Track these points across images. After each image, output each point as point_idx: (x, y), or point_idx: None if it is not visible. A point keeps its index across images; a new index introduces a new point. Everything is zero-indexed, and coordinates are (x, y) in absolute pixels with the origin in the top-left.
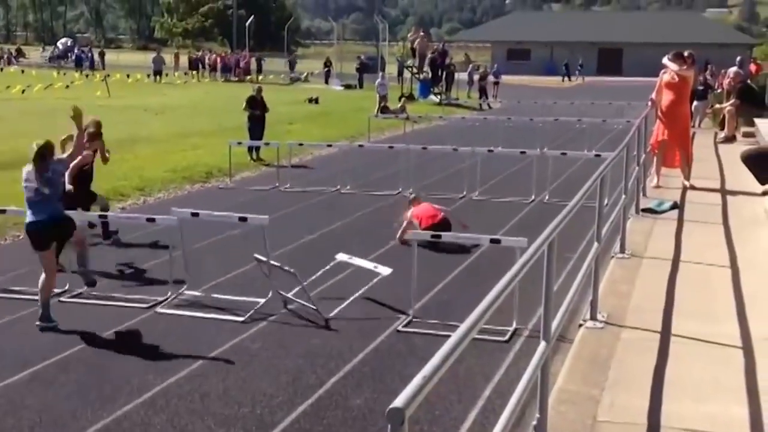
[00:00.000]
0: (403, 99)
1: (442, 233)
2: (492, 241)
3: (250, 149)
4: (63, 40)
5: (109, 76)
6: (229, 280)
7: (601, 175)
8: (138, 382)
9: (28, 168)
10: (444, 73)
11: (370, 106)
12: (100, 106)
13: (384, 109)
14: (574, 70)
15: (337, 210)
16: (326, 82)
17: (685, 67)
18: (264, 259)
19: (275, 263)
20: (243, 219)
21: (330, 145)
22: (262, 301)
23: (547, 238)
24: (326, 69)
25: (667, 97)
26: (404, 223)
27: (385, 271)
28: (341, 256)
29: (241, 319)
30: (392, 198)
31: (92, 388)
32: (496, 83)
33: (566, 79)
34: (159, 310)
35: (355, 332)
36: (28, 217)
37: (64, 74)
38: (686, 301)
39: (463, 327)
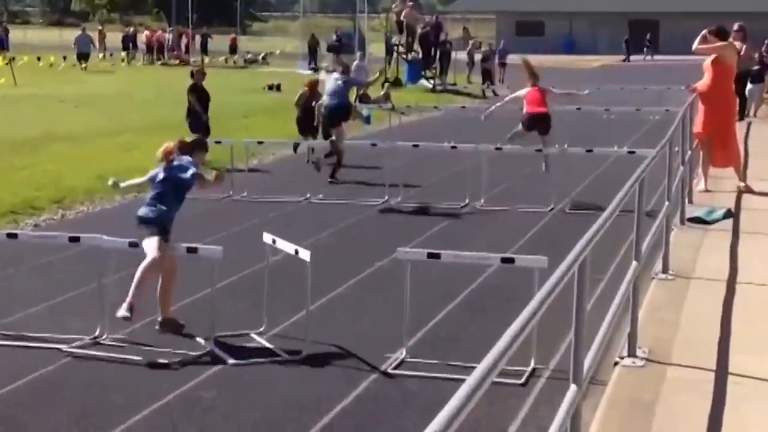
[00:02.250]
0: (387, 85)
1: (441, 253)
2: (504, 260)
3: None
4: None
5: (14, 59)
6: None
7: (640, 177)
8: None
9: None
10: (438, 52)
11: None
12: (3, 96)
13: (363, 98)
14: (642, 46)
15: (306, 225)
16: (315, 63)
17: (719, 43)
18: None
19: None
20: (193, 250)
21: (296, 146)
22: (202, 343)
23: (577, 258)
24: (312, 49)
25: (705, 80)
26: (509, 96)
27: (305, 255)
28: (267, 237)
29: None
30: (375, 209)
31: None
32: (503, 64)
33: (629, 59)
34: (77, 351)
35: (334, 375)
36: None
37: None
38: (745, 332)
39: (480, 369)
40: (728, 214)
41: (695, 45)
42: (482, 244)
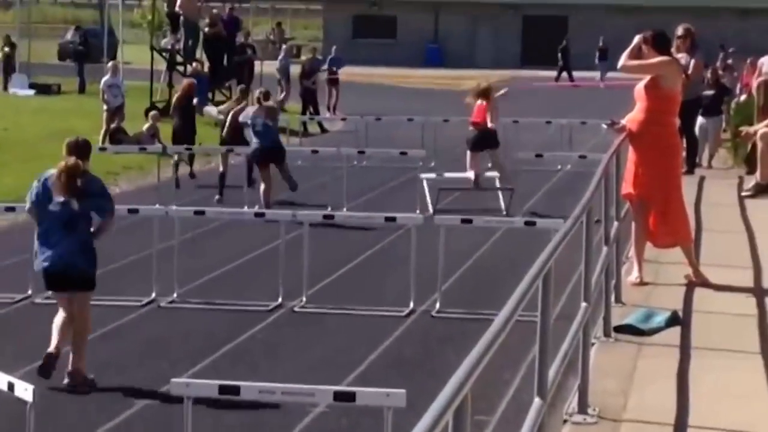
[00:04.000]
0: (153, 114)
1: (240, 385)
2: (338, 396)
3: None
4: None
5: None
6: None
7: (545, 267)
8: None
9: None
10: (234, 61)
11: (89, 129)
12: None
13: (116, 135)
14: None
15: (25, 339)
16: (5, 84)
17: (657, 58)
18: None
19: None
20: None
21: (12, 209)
22: None
23: (452, 398)
24: (5, 55)
25: (637, 114)
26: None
27: (26, 391)
28: None
29: None
30: (138, 312)
31: None
32: (333, 81)
33: (564, 73)
34: None
35: None
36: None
37: None
38: None
39: None
40: (673, 320)
41: (623, 60)
42: (301, 368)
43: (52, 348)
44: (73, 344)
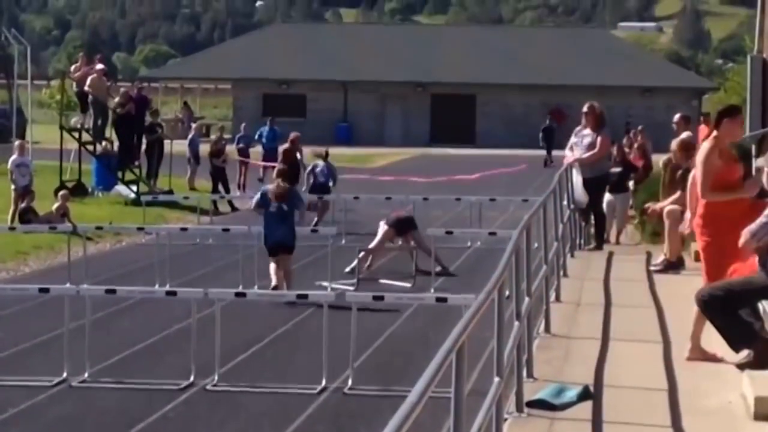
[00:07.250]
0: (63, 194)
1: None
2: None
3: None
4: None
5: None
6: None
7: (458, 343)
8: None
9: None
10: (143, 140)
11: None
12: None
13: (25, 215)
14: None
15: None
16: None
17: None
18: None
19: None
20: None
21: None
22: None
23: None
24: None
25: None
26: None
27: None
28: None
29: None
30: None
31: None
32: (244, 161)
33: (548, 156)
34: None
35: None
36: None
37: None
38: None
39: None
40: (585, 395)
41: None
42: None
43: (274, 283)
44: (286, 283)
